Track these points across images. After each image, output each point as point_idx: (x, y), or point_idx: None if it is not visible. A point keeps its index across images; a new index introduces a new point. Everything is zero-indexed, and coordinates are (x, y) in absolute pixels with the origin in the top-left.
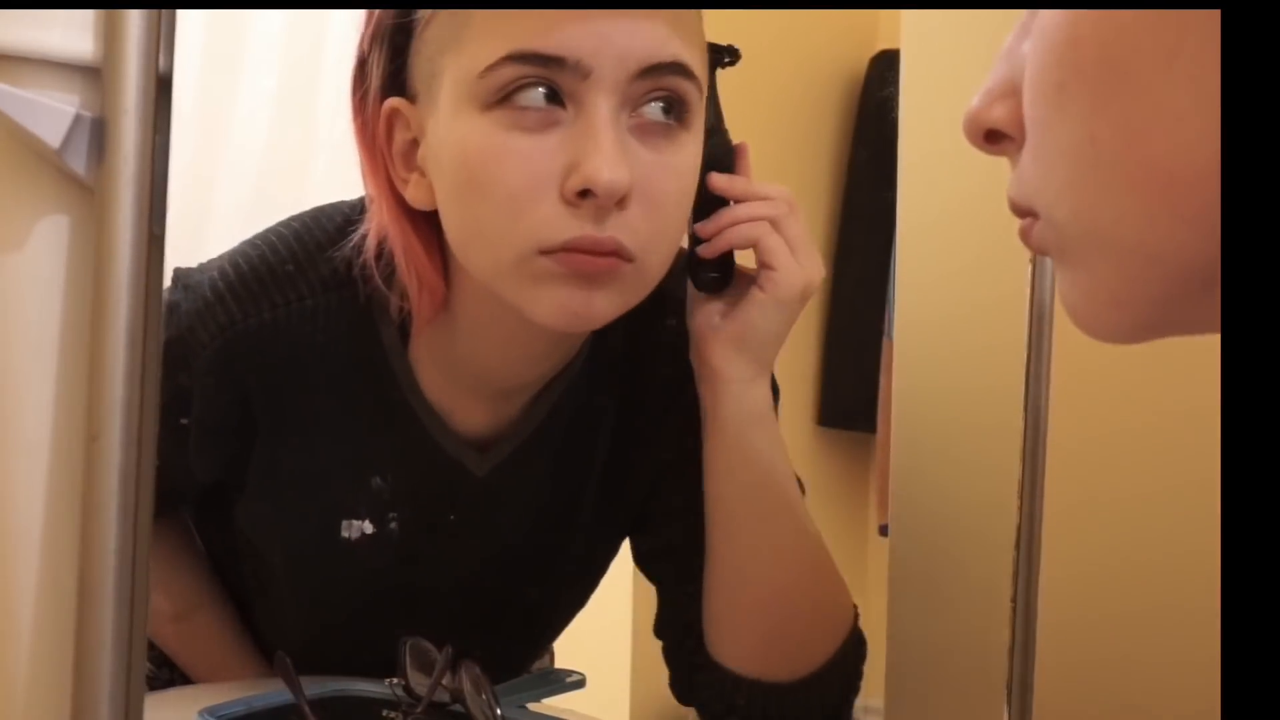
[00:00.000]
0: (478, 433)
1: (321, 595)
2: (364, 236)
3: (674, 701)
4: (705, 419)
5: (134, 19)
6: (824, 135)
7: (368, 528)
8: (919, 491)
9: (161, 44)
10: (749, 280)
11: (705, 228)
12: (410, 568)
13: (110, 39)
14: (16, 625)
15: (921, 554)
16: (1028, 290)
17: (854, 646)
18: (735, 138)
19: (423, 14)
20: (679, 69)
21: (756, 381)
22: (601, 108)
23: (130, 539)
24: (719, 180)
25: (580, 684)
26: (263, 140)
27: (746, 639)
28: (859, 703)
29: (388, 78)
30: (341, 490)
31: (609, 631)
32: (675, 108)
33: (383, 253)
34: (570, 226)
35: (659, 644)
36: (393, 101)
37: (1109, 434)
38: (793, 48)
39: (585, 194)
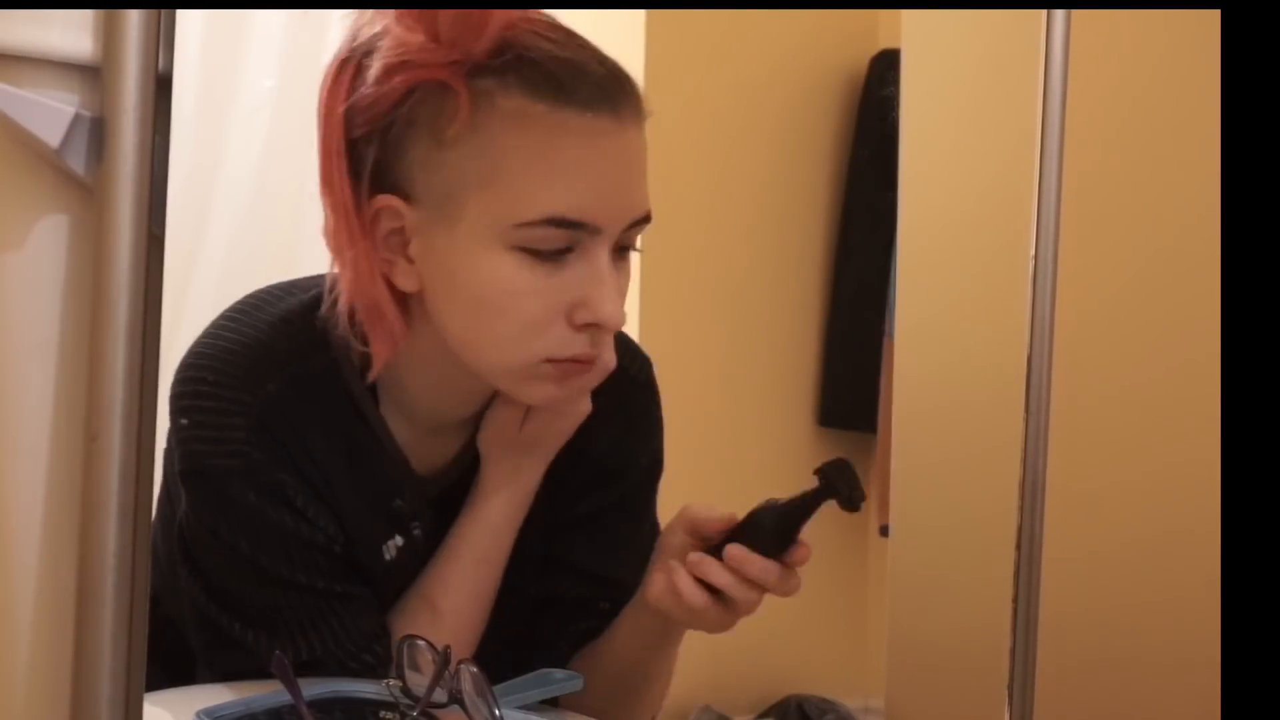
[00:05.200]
0: (427, 464)
1: None
2: (334, 304)
3: (674, 701)
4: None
5: (134, 19)
6: (824, 135)
7: (400, 541)
8: (919, 491)
9: (161, 44)
10: None
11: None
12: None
13: (110, 39)
14: (16, 625)
15: (922, 554)
16: (1028, 290)
17: None
18: (736, 137)
19: (428, 123)
20: (648, 218)
21: None
22: (603, 255)
23: (130, 539)
24: None
25: (579, 685)
26: (263, 140)
27: None
28: (860, 703)
29: (376, 169)
30: (377, 520)
31: None
32: (636, 240)
33: (354, 315)
34: (574, 345)
35: None
36: (387, 199)
37: (1110, 434)
38: (793, 48)
39: (592, 325)
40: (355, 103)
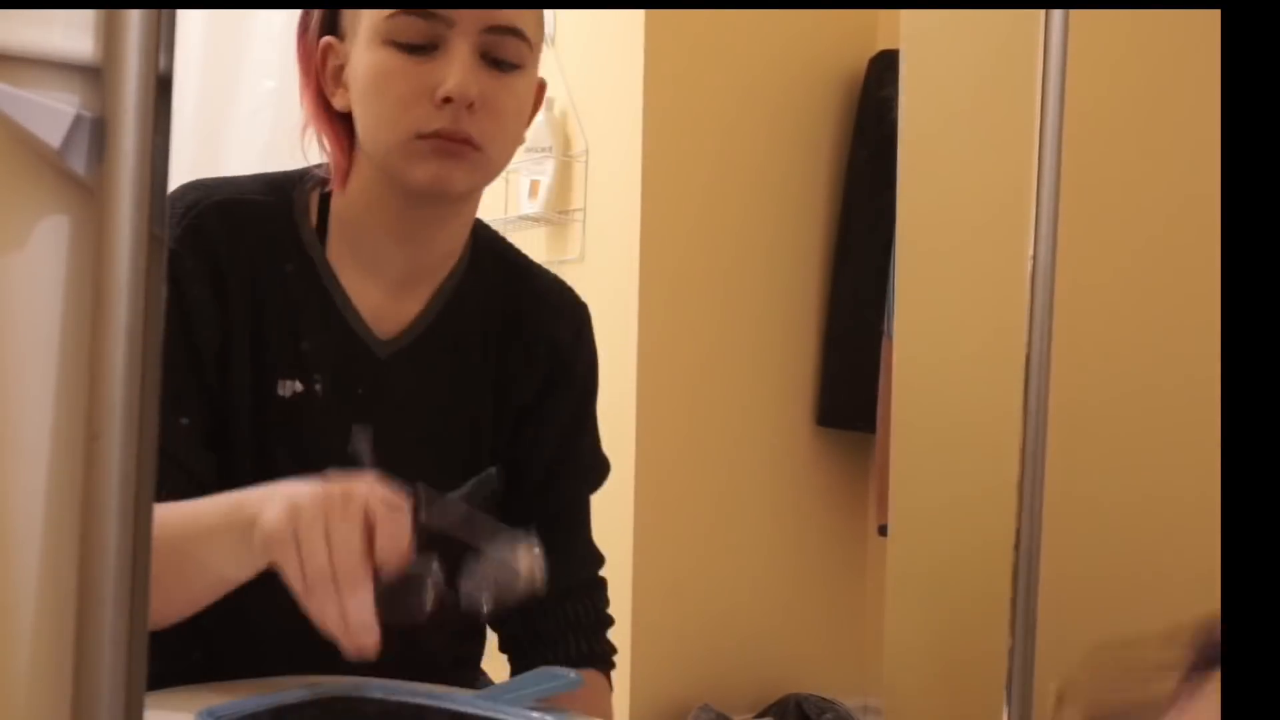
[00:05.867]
0: (386, 324)
1: (271, 462)
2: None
3: (674, 700)
4: None
5: (134, 19)
6: (824, 135)
7: (298, 386)
8: (919, 491)
9: (161, 44)
10: None
11: None
12: (338, 439)
13: (110, 39)
14: (16, 625)
15: (921, 554)
16: (1027, 290)
17: None
18: (734, 137)
19: None
20: (514, 31)
21: None
22: (461, 47)
23: (130, 539)
24: None
25: (577, 683)
26: (263, 141)
27: None
28: (859, 702)
29: (324, 21)
30: (278, 352)
31: (609, 631)
32: (510, 53)
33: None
34: (438, 120)
35: (660, 641)
36: (327, 39)
37: (1109, 434)
38: (793, 48)
39: (447, 100)
40: None
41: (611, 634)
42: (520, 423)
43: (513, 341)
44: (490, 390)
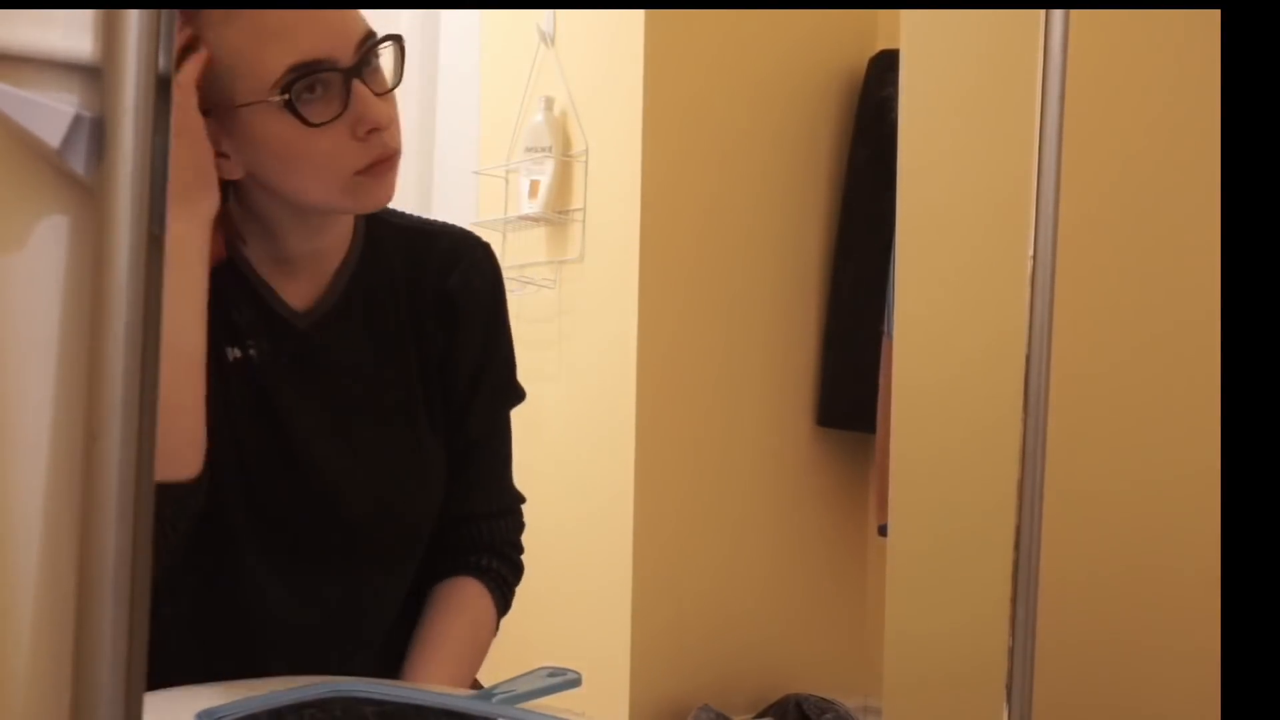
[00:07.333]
0: (303, 302)
1: (234, 421)
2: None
3: (674, 700)
4: None
5: (134, 19)
6: (824, 135)
7: (237, 353)
8: (919, 491)
9: (161, 44)
10: None
11: None
12: (278, 400)
13: (110, 39)
14: (16, 625)
15: (921, 554)
16: (1027, 290)
17: None
18: (735, 138)
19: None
20: (372, 35)
21: None
22: (352, 82)
23: (130, 539)
24: None
25: (576, 683)
26: None
27: None
28: (859, 702)
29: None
30: (219, 322)
31: (609, 631)
32: (379, 54)
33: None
34: (370, 152)
35: (660, 641)
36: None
37: (1109, 434)
38: (793, 48)
39: (372, 131)
40: None
41: (612, 634)
42: (439, 368)
43: (416, 300)
44: (409, 345)
